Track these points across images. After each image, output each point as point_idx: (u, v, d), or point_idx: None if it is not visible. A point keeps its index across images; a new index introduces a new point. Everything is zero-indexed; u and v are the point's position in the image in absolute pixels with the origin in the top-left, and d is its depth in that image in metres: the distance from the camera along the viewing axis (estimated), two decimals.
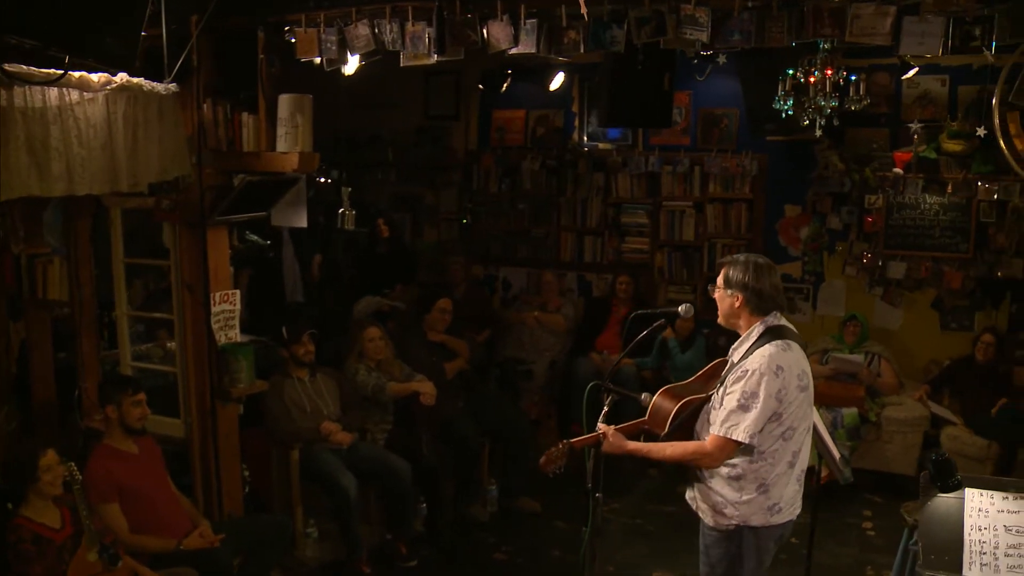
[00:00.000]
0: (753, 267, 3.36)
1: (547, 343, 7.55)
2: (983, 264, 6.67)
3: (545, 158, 8.15)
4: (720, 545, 3.44)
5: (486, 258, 8.48)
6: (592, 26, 3.76)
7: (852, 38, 3.39)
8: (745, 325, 3.41)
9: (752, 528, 3.36)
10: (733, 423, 3.23)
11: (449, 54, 4.04)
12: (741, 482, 3.32)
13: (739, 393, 3.23)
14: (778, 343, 3.29)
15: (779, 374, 3.22)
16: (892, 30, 3.35)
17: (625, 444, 3.48)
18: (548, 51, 3.88)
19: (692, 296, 7.91)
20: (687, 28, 3.61)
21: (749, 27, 3.51)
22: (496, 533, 5.70)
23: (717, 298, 3.47)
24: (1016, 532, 3.35)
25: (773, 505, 3.35)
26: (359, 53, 4.22)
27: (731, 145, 7.55)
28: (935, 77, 6.69)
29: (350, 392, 5.50)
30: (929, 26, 3.27)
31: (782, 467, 3.33)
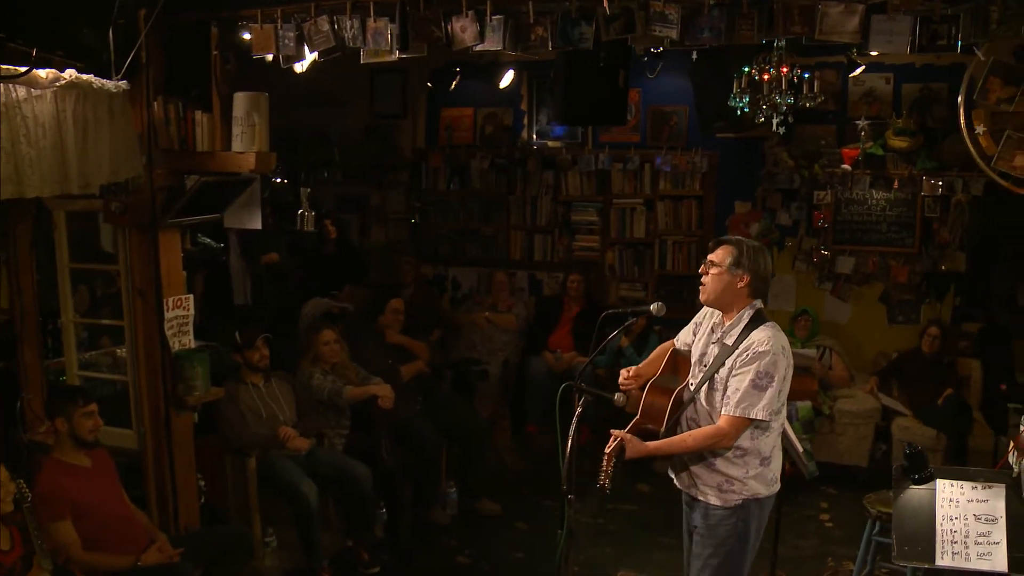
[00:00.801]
0: (759, 250, 3.44)
1: (499, 343, 7.51)
2: (928, 258, 6.84)
3: (494, 156, 8.10)
4: (728, 521, 3.47)
5: (435, 258, 8.41)
6: (560, 22, 3.70)
7: (822, 36, 3.41)
8: (737, 308, 3.44)
9: (758, 500, 3.45)
10: (749, 403, 3.29)
11: (412, 51, 3.95)
12: (746, 458, 3.40)
13: (753, 374, 3.28)
14: (771, 324, 3.40)
15: (784, 354, 3.34)
16: (860, 28, 3.37)
17: (645, 446, 3.46)
18: (515, 48, 3.82)
19: (644, 293, 7.95)
20: (656, 25, 3.58)
21: (719, 24, 3.51)
22: (457, 536, 5.63)
23: (713, 275, 3.46)
24: (985, 520, 3.42)
25: (772, 476, 3.48)
26: (318, 50, 4.10)
27: (681, 142, 7.60)
28: (880, 75, 6.83)
29: (305, 397, 5.38)
30: (897, 25, 3.31)
31: (775, 438, 3.46)
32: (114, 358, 4.98)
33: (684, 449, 3.48)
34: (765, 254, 3.45)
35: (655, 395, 3.57)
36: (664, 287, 7.91)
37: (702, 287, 3.53)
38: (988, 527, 3.40)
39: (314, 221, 4.48)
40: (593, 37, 3.71)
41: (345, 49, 4.07)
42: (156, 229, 4.38)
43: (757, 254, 3.41)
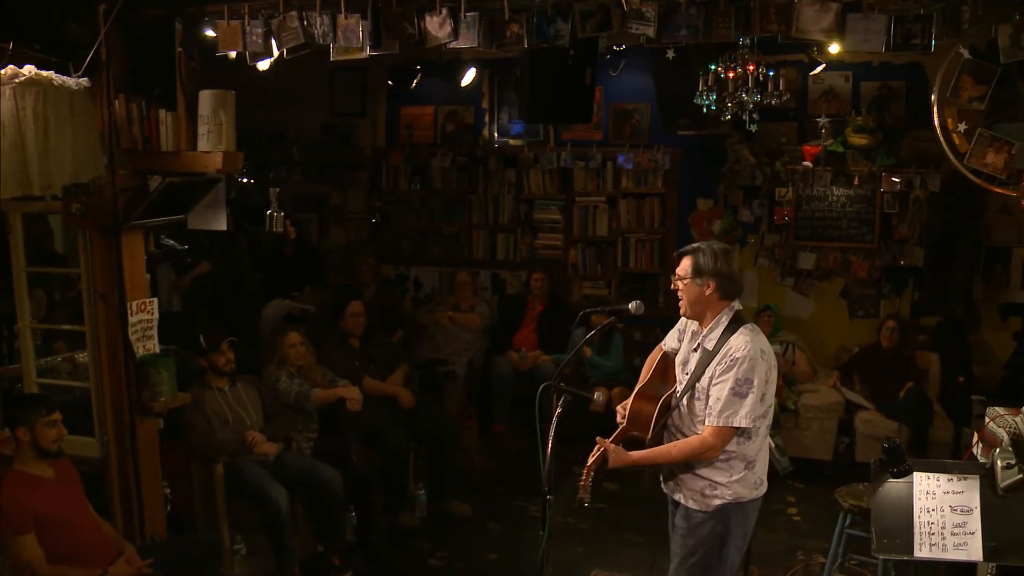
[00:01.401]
0: (720, 253, 3.39)
1: (463, 343, 7.47)
2: (887, 253, 6.96)
3: (456, 155, 8.05)
4: (706, 525, 3.45)
5: (396, 258, 8.34)
6: (536, 19, 3.67)
7: (798, 34, 3.42)
8: (713, 313, 3.41)
9: (740, 504, 3.42)
10: (731, 411, 3.27)
11: (384, 48, 3.88)
12: (731, 462, 3.38)
13: (732, 381, 3.26)
14: (750, 327, 3.37)
15: (763, 357, 3.31)
16: (836, 26, 3.39)
17: (629, 456, 3.43)
18: (489, 45, 3.78)
19: (607, 291, 7.97)
20: (633, 23, 3.57)
21: (696, 22, 3.51)
22: (429, 539, 5.57)
23: (682, 288, 3.45)
24: (961, 511, 3.47)
25: (757, 479, 3.46)
26: (286, 47, 4.01)
27: (643, 140, 7.62)
28: (839, 73, 6.93)
29: (272, 401, 5.29)
30: (872, 23, 3.34)
31: (760, 441, 3.43)
32: (74, 364, 4.83)
33: (668, 460, 3.46)
34: (728, 254, 3.40)
35: (642, 402, 3.54)
36: (627, 285, 7.93)
37: (679, 302, 3.51)
38: (964, 518, 3.45)
39: (283, 222, 4.38)
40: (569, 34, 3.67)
41: (315, 46, 3.99)
42: (119, 231, 4.25)
43: (718, 257, 3.37)
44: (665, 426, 3.51)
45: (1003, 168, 3.59)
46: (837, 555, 4.64)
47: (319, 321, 6.50)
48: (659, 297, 7.83)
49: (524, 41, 3.71)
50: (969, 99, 3.54)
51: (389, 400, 5.88)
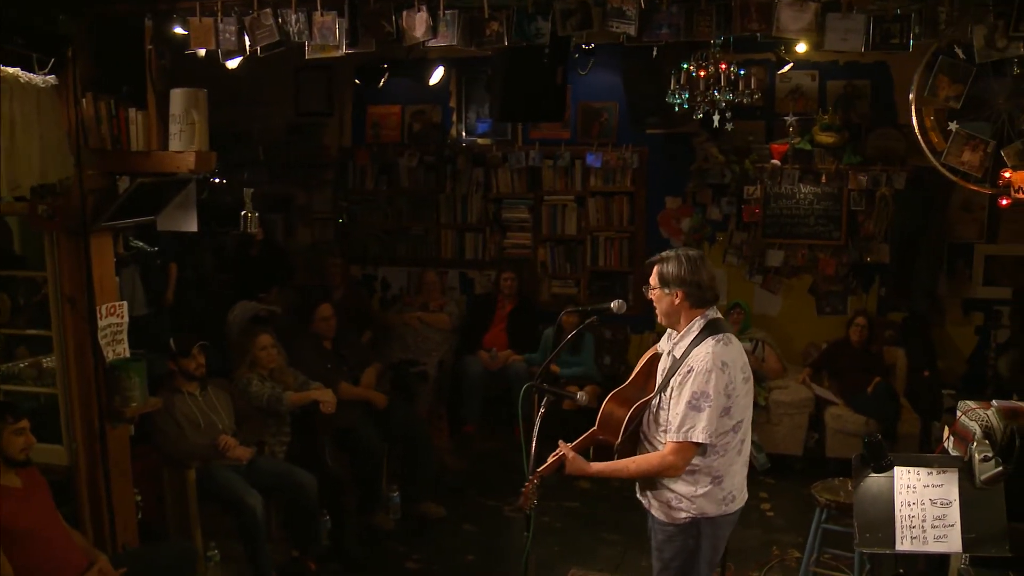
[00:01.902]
0: (687, 260, 3.32)
1: (433, 343, 7.43)
2: (854, 250, 7.05)
3: (423, 154, 8.00)
4: (676, 540, 3.39)
5: (364, 258, 8.26)
6: (516, 17, 3.65)
7: (778, 33, 3.44)
8: (685, 321, 3.35)
9: (709, 519, 3.35)
10: (690, 426, 3.18)
11: (361, 46, 3.83)
12: (696, 476, 3.30)
13: (688, 394, 3.19)
14: (718, 337, 3.27)
15: (724, 369, 3.20)
16: (815, 26, 3.41)
17: (587, 467, 3.38)
18: (468, 44, 3.75)
19: (576, 290, 7.97)
20: (614, 21, 3.56)
21: (678, 21, 3.51)
22: (404, 541, 5.53)
23: (654, 298, 3.41)
24: (940, 504, 3.51)
25: (727, 496, 3.35)
26: (260, 45, 3.94)
27: (611, 139, 7.63)
28: (806, 72, 7.00)
29: (244, 404, 5.21)
30: (852, 23, 3.36)
31: (732, 457, 3.34)
32: (39, 369, 4.69)
33: (627, 475, 3.38)
34: (694, 262, 3.31)
35: (614, 405, 3.47)
36: (596, 283, 7.95)
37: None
38: (943, 511, 3.50)
39: (257, 222, 4.31)
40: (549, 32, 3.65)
41: (289, 44, 3.93)
42: (87, 233, 4.15)
43: (682, 265, 3.30)
44: (637, 432, 3.44)
45: (978, 166, 3.64)
46: (813, 549, 4.67)
47: (289, 323, 6.43)
48: (628, 295, 7.85)
49: (504, 39, 3.68)
50: (946, 98, 3.59)
51: (361, 401, 5.81)
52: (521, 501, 3.37)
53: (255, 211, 4.21)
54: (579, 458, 3.39)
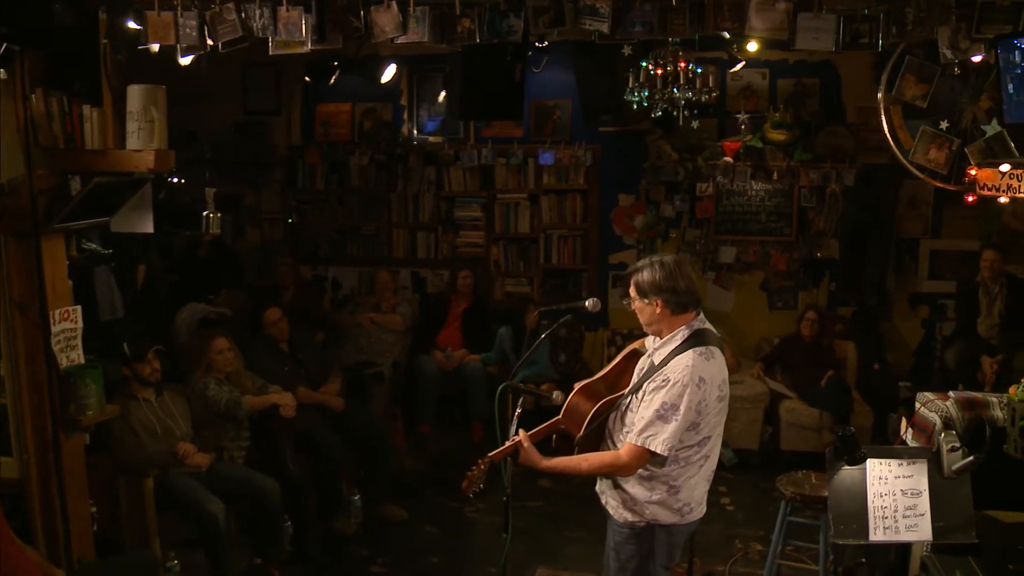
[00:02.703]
0: (660, 267, 3.27)
1: (386, 343, 7.35)
2: (804, 246, 7.18)
3: (374, 153, 7.91)
4: (631, 542, 3.37)
5: (314, 258, 8.13)
6: (488, 15, 3.61)
7: (750, 32, 3.47)
8: (668, 329, 3.30)
9: (664, 526, 3.32)
10: (651, 434, 3.14)
11: (328, 43, 3.76)
12: (652, 482, 3.27)
13: (659, 403, 3.14)
14: (701, 350, 3.21)
15: (701, 386, 3.15)
16: (787, 25, 3.45)
17: (539, 462, 3.34)
18: (439, 40, 3.70)
19: (529, 288, 7.96)
20: (586, 18, 3.56)
21: (651, 19, 3.51)
22: (367, 545, 5.44)
23: (636, 310, 3.37)
24: (911, 494, 3.58)
25: (683, 506, 3.32)
26: (222, 41, 3.84)
27: (564, 136, 7.64)
28: (756, 71, 7.10)
29: (201, 409, 5.08)
30: (823, 23, 3.41)
31: (693, 470, 3.30)
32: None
33: (578, 473, 3.36)
34: (667, 267, 3.25)
35: (582, 398, 3.45)
36: (550, 281, 7.95)
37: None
38: (914, 500, 3.57)
39: (220, 223, 4.19)
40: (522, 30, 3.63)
41: (253, 40, 3.84)
42: (38, 235, 3.98)
43: (656, 272, 3.25)
44: (602, 429, 3.42)
45: (944, 164, 3.72)
46: (779, 542, 4.73)
47: (246, 326, 6.29)
48: (582, 293, 7.87)
49: (476, 36, 3.64)
50: (912, 97, 3.66)
51: (319, 404, 5.71)
52: (464, 485, 3.37)
53: (217, 211, 4.09)
54: (533, 450, 3.35)
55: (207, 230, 4.13)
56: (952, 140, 3.72)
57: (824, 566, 4.54)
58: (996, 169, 3.20)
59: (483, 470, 3.34)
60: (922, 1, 3.37)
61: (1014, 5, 3.34)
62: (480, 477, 3.34)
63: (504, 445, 3.36)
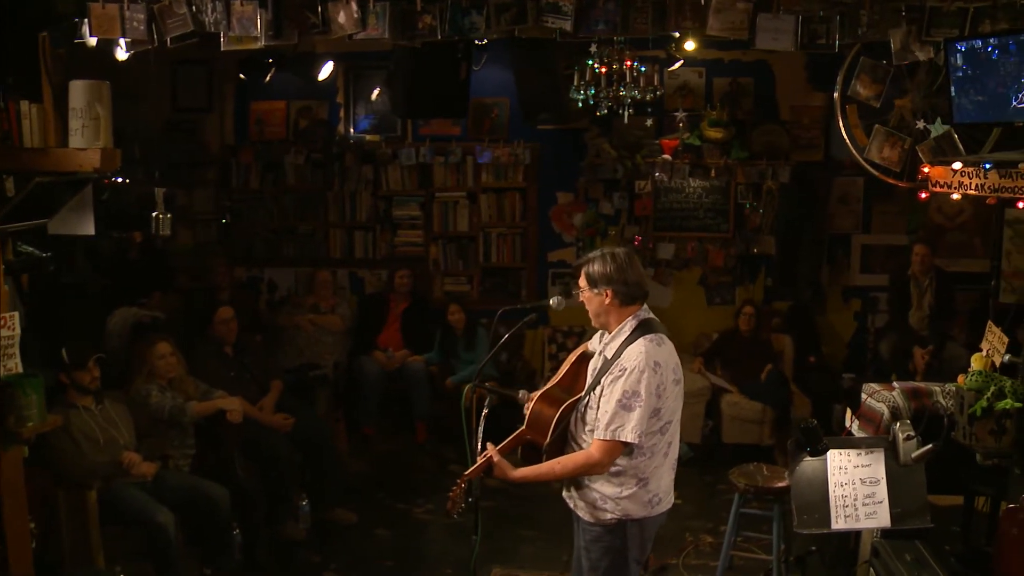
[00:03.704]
0: (612, 259, 3.30)
1: (326, 345, 7.23)
2: (741, 242, 7.32)
3: (310, 151, 7.76)
4: (602, 540, 3.36)
5: (249, 259, 7.93)
6: (450, 11, 3.57)
7: (712, 32, 3.51)
8: (616, 321, 3.33)
9: (634, 520, 3.33)
10: (618, 425, 3.15)
11: (284, 39, 3.67)
12: (621, 478, 3.27)
13: (619, 393, 3.15)
14: (651, 337, 3.25)
15: (657, 370, 3.18)
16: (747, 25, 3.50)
17: (513, 473, 3.32)
18: (399, 37, 3.65)
19: (468, 287, 7.93)
20: (549, 16, 3.55)
21: (614, 17, 3.53)
22: (318, 551, 5.34)
23: (585, 300, 3.39)
24: (870, 483, 3.69)
25: (652, 497, 3.33)
26: (171, 35, 3.71)
27: (503, 135, 7.62)
28: (693, 69, 7.21)
29: (144, 417, 4.91)
30: (782, 23, 3.47)
31: (659, 459, 3.32)
32: None
33: (553, 477, 3.34)
34: (618, 259, 3.29)
35: (543, 405, 3.43)
36: (489, 280, 7.94)
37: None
38: (872, 488, 3.67)
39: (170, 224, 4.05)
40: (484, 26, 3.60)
41: (204, 34, 3.72)
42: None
43: (608, 263, 3.28)
44: (565, 433, 3.41)
45: (897, 161, 3.83)
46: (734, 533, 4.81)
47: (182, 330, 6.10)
48: (521, 291, 7.88)
49: (438, 33, 3.60)
50: (866, 97, 3.75)
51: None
52: (448, 506, 3.31)
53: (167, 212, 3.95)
54: (504, 462, 3.33)
55: (157, 232, 3.99)
56: (904, 139, 3.83)
57: (777, 555, 4.63)
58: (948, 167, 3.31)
59: (464, 488, 3.28)
60: (875, 4, 3.45)
61: (960, 10, 3.46)
62: (462, 496, 3.29)
63: (476, 463, 3.32)
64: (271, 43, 3.70)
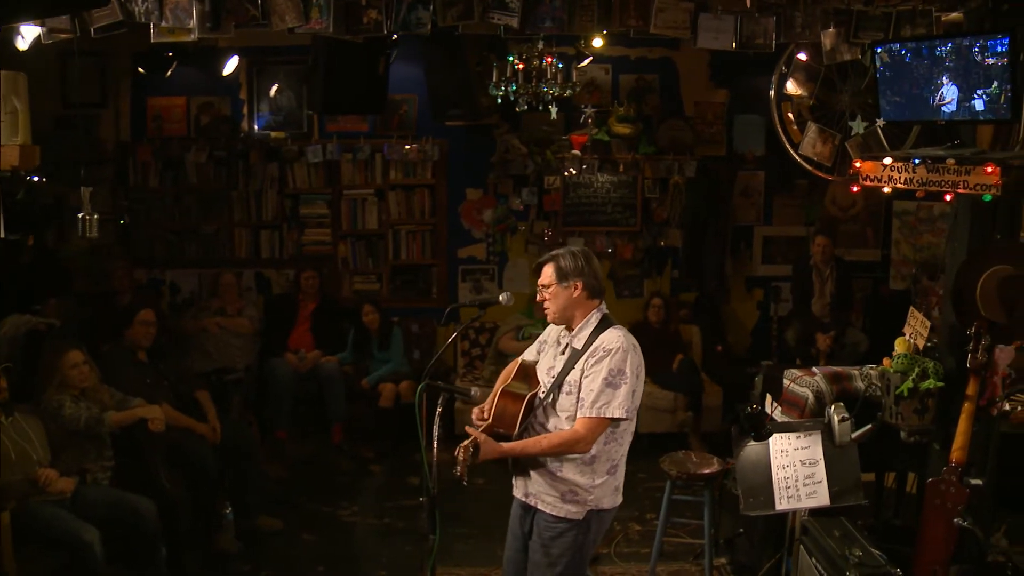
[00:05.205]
0: (581, 254, 3.42)
1: (235, 348, 7.04)
2: (649, 236, 7.50)
3: (212, 149, 7.50)
4: (566, 536, 3.39)
5: (149, 261, 7.61)
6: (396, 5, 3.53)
7: (656, 30, 3.59)
8: (582, 314, 3.41)
9: (599, 511, 3.40)
10: (604, 402, 3.23)
11: (221, 31, 3.55)
12: (594, 465, 3.33)
13: (605, 371, 3.24)
14: (619, 327, 3.40)
15: (637, 351, 3.34)
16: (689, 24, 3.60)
17: (500, 447, 3.34)
18: (344, 31, 3.58)
19: (378, 285, 7.84)
20: (496, 13, 3.56)
21: (561, 14, 3.56)
22: (247, 560, 5.18)
23: (549, 296, 3.43)
24: (809, 464, 3.86)
25: (618, 486, 3.44)
26: (98, 25, 3.53)
27: (411, 131, 7.57)
28: (600, 66, 7.32)
29: (58, 430, 4.64)
30: (722, 23, 3.58)
31: (625, 447, 3.43)
32: None
33: (539, 451, 3.38)
34: (587, 255, 3.43)
35: (507, 401, 3.48)
36: (399, 277, 7.87)
37: (546, 311, 3.48)
38: (811, 469, 3.85)
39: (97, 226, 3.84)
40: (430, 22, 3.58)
41: (134, 25, 3.56)
42: None
43: (577, 258, 3.40)
44: (528, 426, 3.47)
45: (828, 157, 4.00)
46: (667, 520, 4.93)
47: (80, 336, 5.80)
48: (432, 289, 7.85)
49: (384, 27, 3.55)
50: (800, 95, 3.91)
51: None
52: (459, 471, 3.27)
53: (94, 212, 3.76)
54: (490, 440, 3.35)
55: (84, 233, 3.79)
56: (835, 135, 4.01)
57: (709, 539, 4.79)
58: (879, 162, 3.49)
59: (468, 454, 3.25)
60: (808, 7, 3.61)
61: (885, 15, 3.65)
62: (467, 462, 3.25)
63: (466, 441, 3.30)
64: (205, 36, 3.57)
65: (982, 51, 3.46)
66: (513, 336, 7.23)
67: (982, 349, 3.65)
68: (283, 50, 7.11)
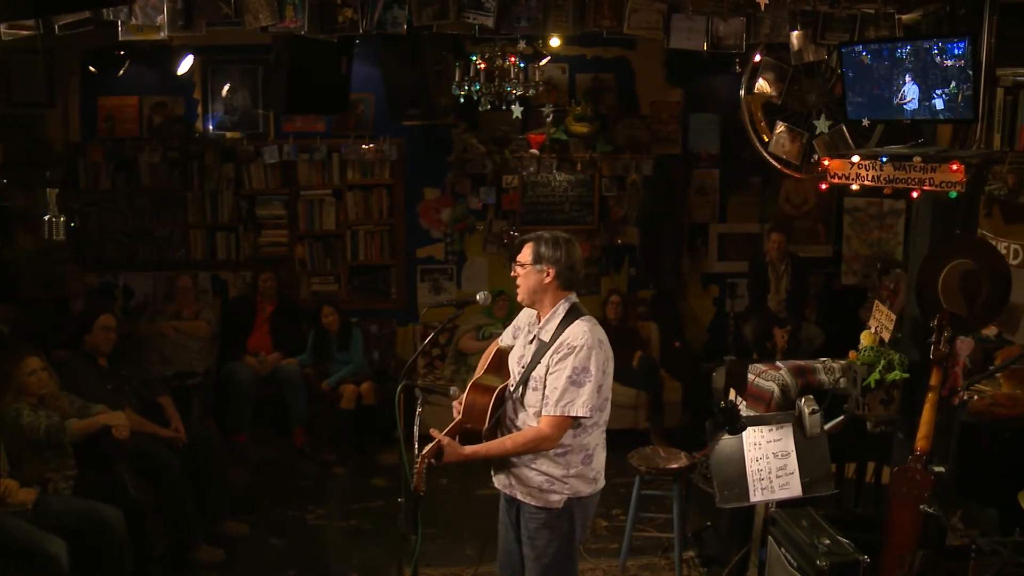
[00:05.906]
0: (563, 243, 3.40)
1: (193, 352, 6.97)
2: (606, 234, 7.57)
3: (166, 149, 7.35)
4: (550, 526, 3.41)
5: (100, 264, 7.43)
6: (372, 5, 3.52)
7: (630, 30, 3.63)
8: (551, 303, 3.41)
9: (580, 499, 3.41)
10: (568, 400, 3.24)
11: (193, 29, 3.50)
12: (568, 456, 3.35)
13: (569, 369, 3.24)
14: (587, 319, 3.39)
15: (602, 347, 3.34)
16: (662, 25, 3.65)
17: (463, 451, 3.33)
18: (318, 30, 3.56)
19: (337, 286, 7.78)
20: (471, 12, 3.57)
21: (537, 14, 3.59)
22: (215, 567, 5.10)
23: (522, 275, 3.44)
24: (781, 456, 3.95)
25: (596, 474, 3.45)
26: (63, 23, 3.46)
27: (368, 131, 7.53)
28: (557, 65, 7.36)
29: (16, 439, 4.53)
30: (695, 24, 3.64)
31: (598, 436, 3.43)
32: None
33: (504, 453, 3.39)
34: (570, 244, 3.41)
35: (476, 394, 3.48)
36: (357, 278, 7.83)
37: (517, 288, 3.49)
38: (784, 461, 3.93)
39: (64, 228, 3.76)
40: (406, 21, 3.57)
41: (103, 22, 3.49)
42: None
43: (558, 245, 3.38)
44: (499, 419, 3.48)
45: (797, 155, 4.09)
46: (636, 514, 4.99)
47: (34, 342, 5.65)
48: (391, 289, 7.81)
49: (359, 26, 3.54)
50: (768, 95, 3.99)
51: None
52: (415, 482, 3.27)
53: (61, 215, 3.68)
54: (454, 444, 3.34)
55: (51, 236, 3.70)
56: (803, 134, 4.10)
57: (679, 533, 4.86)
58: (847, 160, 3.58)
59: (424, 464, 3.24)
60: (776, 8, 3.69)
61: (850, 17, 3.75)
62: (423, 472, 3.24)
63: (430, 445, 3.28)
64: (176, 34, 3.51)
65: (941, 53, 3.58)
66: (474, 336, 7.23)
67: (944, 340, 3.77)
68: (238, 48, 7.00)
